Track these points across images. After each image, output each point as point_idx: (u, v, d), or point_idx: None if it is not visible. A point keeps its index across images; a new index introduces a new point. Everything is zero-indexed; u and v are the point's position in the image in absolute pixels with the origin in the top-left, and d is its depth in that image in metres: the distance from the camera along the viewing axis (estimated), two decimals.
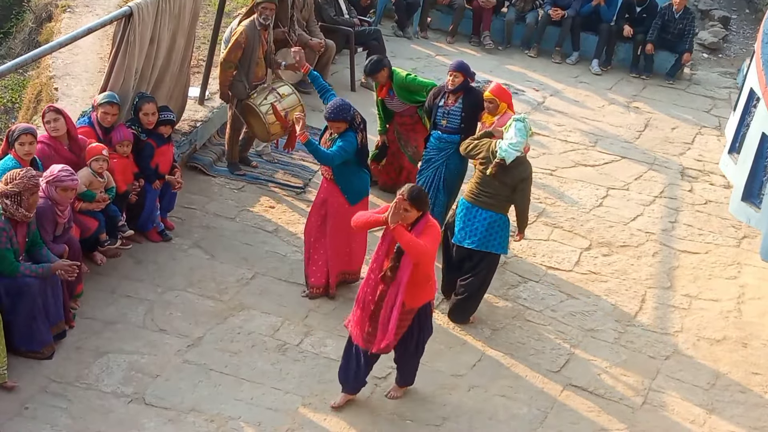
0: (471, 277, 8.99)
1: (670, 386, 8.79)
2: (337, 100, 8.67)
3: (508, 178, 8.67)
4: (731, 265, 10.83)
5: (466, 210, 8.93)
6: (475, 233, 8.85)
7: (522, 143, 8.64)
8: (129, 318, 8.46)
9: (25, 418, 7.21)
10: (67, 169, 7.93)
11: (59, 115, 8.52)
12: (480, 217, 8.84)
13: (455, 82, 9.78)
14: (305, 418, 7.75)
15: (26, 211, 7.45)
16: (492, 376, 8.59)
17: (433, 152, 10.00)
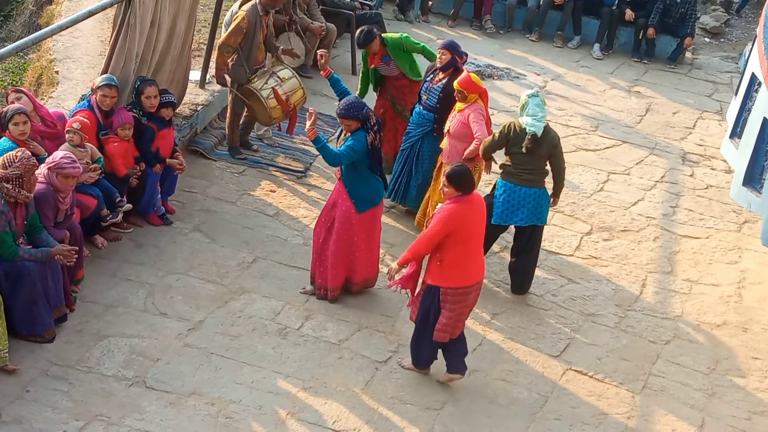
0: (524, 253, 9.44)
1: (671, 370, 8.81)
2: (350, 98, 8.51)
3: (543, 149, 9.06)
4: (732, 250, 10.84)
5: (509, 190, 9.14)
6: (523, 210, 9.14)
7: (544, 114, 9.08)
8: (130, 301, 8.47)
9: (26, 401, 7.23)
10: (70, 157, 7.92)
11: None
12: (525, 195, 9.14)
13: (443, 60, 9.83)
14: (306, 402, 7.77)
15: (27, 192, 7.46)
16: (492, 361, 8.61)
17: (412, 126, 10.16)
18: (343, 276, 8.90)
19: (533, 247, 9.44)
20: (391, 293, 9.18)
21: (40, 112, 8.74)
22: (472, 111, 9.32)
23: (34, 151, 8.21)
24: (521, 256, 9.46)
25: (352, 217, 8.62)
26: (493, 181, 9.61)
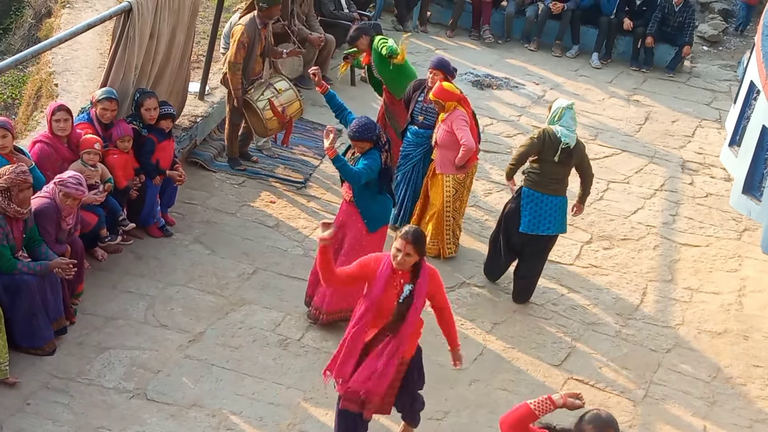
0: (535, 259, 9.43)
1: (672, 379, 8.80)
2: (362, 119, 8.27)
3: (574, 159, 9.15)
4: (732, 258, 10.84)
5: (536, 200, 9.20)
6: (549, 219, 9.23)
7: (575, 126, 9.18)
8: (130, 313, 8.46)
9: (27, 414, 7.21)
10: (77, 178, 7.87)
11: (69, 115, 8.58)
12: (552, 204, 9.23)
13: (435, 80, 9.78)
14: (307, 413, 7.76)
15: (18, 206, 7.41)
16: (493, 370, 8.60)
17: (410, 148, 10.08)
18: (344, 304, 8.55)
19: (544, 254, 9.50)
20: None
21: (73, 132, 8.70)
22: (454, 119, 9.39)
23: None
24: (531, 260, 9.45)
25: (363, 238, 8.43)
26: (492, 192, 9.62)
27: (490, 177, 11.73)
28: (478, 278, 9.82)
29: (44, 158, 8.39)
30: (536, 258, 9.44)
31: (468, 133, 9.38)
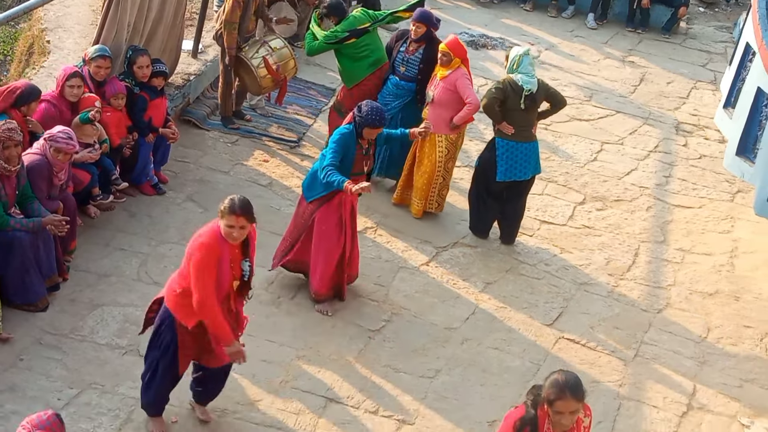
0: (516, 201, 9.64)
1: (662, 339, 8.84)
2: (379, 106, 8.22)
3: (537, 102, 9.31)
4: (725, 220, 10.86)
5: (510, 149, 9.32)
6: (524, 164, 9.38)
7: (534, 71, 9.29)
8: (123, 271, 8.46)
9: (20, 369, 7.24)
10: (68, 132, 7.85)
11: (83, 83, 8.63)
12: (525, 150, 9.37)
13: (418, 32, 9.79)
14: (299, 370, 7.79)
15: (5, 163, 7.39)
16: (485, 329, 8.63)
17: (389, 98, 10.04)
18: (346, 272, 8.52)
19: (524, 195, 9.71)
20: (384, 262, 9.21)
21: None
22: (458, 77, 9.38)
23: (33, 129, 8.26)
24: (512, 203, 9.64)
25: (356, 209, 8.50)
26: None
27: (483, 137, 11.70)
28: (471, 238, 9.83)
29: (48, 119, 8.36)
30: (517, 200, 9.66)
31: (473, 92, 9.42)
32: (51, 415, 5.31)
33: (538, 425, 5.42)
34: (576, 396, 5.30)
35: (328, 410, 7.47)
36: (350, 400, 7.60)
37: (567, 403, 5.28)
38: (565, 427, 5.41)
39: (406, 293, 8.89)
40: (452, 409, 7.66)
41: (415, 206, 9.94)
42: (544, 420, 5.41)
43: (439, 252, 9.54)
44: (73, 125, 8.41)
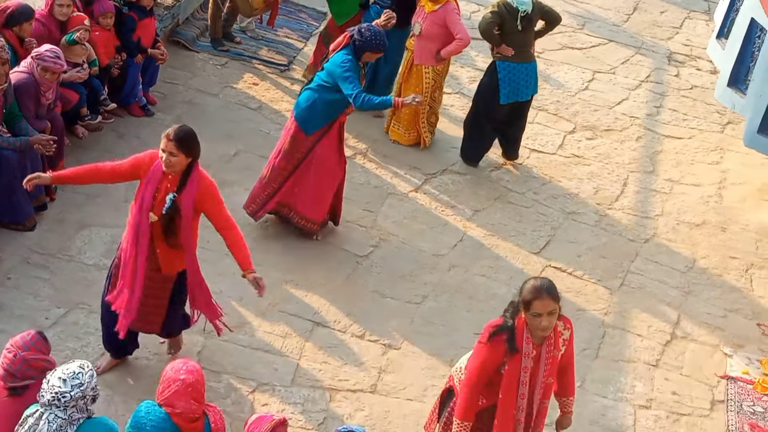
0: (519, 121, 9.73)
1: (649, 269, 8.89)
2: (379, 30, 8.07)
3: (533, 22, 9.33)
4: (714, 151, 10.87)
5: (512, 70, 9.33)
6: (526, 85, 9.43)
7: None
8: (111, 192, 8.42)
9: (7, 288, 7.25)
10: (55, 52, 7.78)
11: (72, 2, 8.53)
12: (526, 70, 9.40)
13: None
14: (286, 294, 7.82)
15: None
16: (473, 257, 8.66)
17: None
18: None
19: (526, 113, 9.80)
20: (373, 188, 9.20)
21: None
22: (447, 12, 9.32)
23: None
24: (515, 123, 9.72)
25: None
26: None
27: (475, 64, 11.63)
28: (460, 165, 9.82)
29: (36, 37, 8.26)
30: (519, 120, 9.74)
31: (463, 26, 9.35)
32: (34, 334, 5.31)
33: (516, 335, 5.49)
34: (552, 295, 5.41)
35: (314, 334, 7.52)
36: (337, 324, 7.64)
37: (544, 302, 5.38)
38: (544, 332, 5.48)
39: (394, 219, 8.90)
40: (438, 335, 7.71)
41: (403, 136, 9.88)
42: (522, 330, 5.50)
43: (428, 179, 9.53)
44: (61, 45, 8.32)
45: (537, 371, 5.57)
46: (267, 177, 8.19)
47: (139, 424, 5.21)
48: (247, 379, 7.02)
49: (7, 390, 5.23)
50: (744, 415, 7.55)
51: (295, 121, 8.04)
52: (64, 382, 5.00)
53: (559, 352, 5.65)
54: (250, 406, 6.81)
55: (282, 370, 7.15)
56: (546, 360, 5.56)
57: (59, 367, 5.10)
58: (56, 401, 4.98)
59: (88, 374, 5.08)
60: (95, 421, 5.15)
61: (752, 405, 7.65)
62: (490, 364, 5.56)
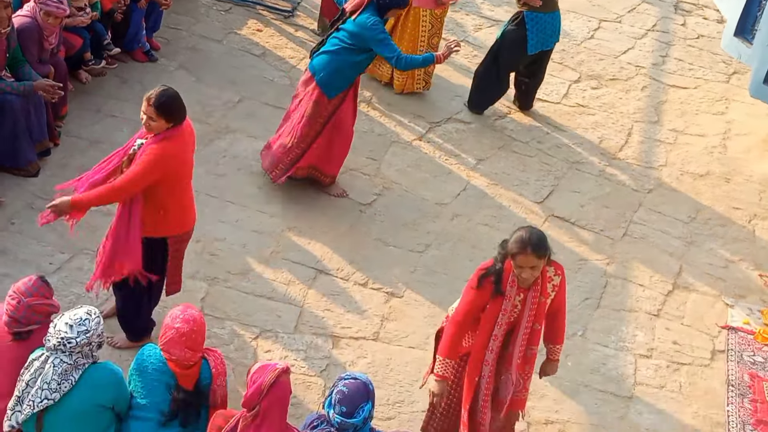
0: (539, 71, 9.80)
1: (651, 219, 8.90)
2: None
3: None
4: (719, 101, 10.82)
5: (539, 20, 9.37)
6: (551, 33, 9.50)
7: None
8: (114, 137, 8.41)
9: (11, 233, 7.27)
10: None
11: None
12: (552, 20, 9.46)
13: None
14: (290, 242, 7.84)
15: None
16: (476, 206, 8.66)
17: None
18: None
19: (547, 62, 9.84)
20: (376, 136, 9.18)
21: None
22: None
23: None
24: (537, 74, 9.80)
25: None
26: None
27: (481, 12, 11.56)
28: (464, 114, 9.79)
29: None
30: (540, 69, 9.79)
31: None
32: (36, 279, 5.33)
33: (503, 277, 5.56)
34: (536, 252, 5.43)
35: (317, 281, 7.55)
36: (340, 272, 7.67)
37: (527, 258, 5.42)
38: (526, 282, 5.54)
39: (398, 168, 8.89)
40: (441, 283, 7.74)
41: (397, 82, 9.82)
42: (509, 273, 5.55)
43: (432, 127, 9.50)
44: None
45: (522, 316, 5.64)
46: (291, 144, 8.02)
47: (141, 365, 5.30)
48: (251, 325, 7.06)
49: (12, 335, 5.26)
50: (744, 365, 7.59)
51: (317, 87, 7.85)
52: (70, 327, 5.04)
53: (548, 298, 5.70)
54: (253, 352, 6.86)
55: (285, 317, 7.19)
56: (531, 305, 5.62)
57: (67, 312, 5.13)
58: (62, 346, 5.03)
59: (94, 321, 5.12)
60: (100, 366, 5.20)
61: (752, 355, 7.69)
62: (477, 305, 5.67)
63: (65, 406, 5.09)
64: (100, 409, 5.19)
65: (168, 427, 5.24)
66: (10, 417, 5.14)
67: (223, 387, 5.39)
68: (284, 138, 8.06)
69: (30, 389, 5.06)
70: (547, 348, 6.05)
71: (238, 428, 5.02)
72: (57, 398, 5.05)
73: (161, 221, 6.20)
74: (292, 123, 8.03)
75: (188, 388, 5.23)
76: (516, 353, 5.71)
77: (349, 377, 5.15)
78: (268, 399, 4.97)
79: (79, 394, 5.09)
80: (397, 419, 6.64)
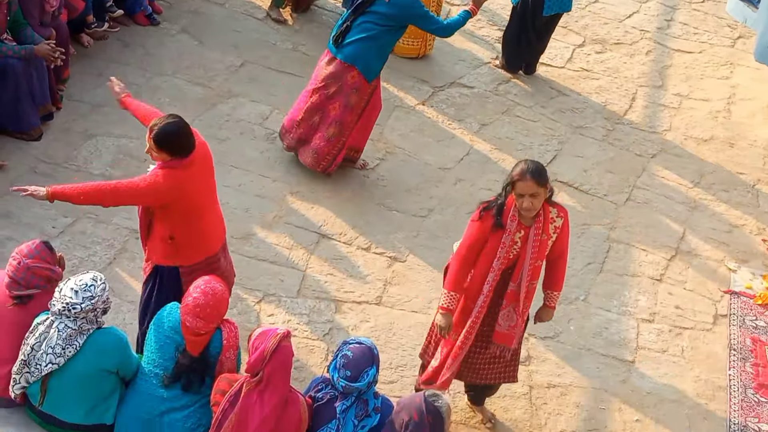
0: (548, 35, 9.79)
1: (655, 183, 8.89)
2: None
3: None
4: (724, 65, 10.77)
5: None
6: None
7: None
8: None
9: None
10: None
11: None
12: None
13: None
14: (292, 206, 7.84)
15: None
16: (479, 170, 8.65)
17: None
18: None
19: (553, 29, 9.82)
20: None
21: None
22: None
23: None
24: (544, 38, 9.76)
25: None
26: None
27: None
28: (468, 78, 9.75)
29: None
30: (548, 34, 9.78)
31: None
32: (39, 243, 5.34)
33: (504, 212, 5.68)
34: (536, 179, 5.55)
35: (320, 246, 7.56)
36: (342, 237, 7.67)
37: (527, 184, 5.54)
38: (528, 213, 5.64)
39: (401, 132, 8.87)
40: (443, 248, 7.73)
41: (414, 51, 9.76)
42: (510, 208, 5.67)
43: (435, 92, 9.47)
44: None
45: (524, 252, 5.74)
46: (335, 133, 7.90)
47: (160, 321, 5.34)
48: (254, 289, 7.07)
49: (12, 299, 5.27)
50: (746, 329, 7.61)
51: (358, 74, 7.71)
52: (75, 293, 5.05)
53: (549, 238, 5.79)
54: (256, 316, 6.88)
55: (288, 282, 7.20)
56: (533, 242, 5.72)
57: (72, 278, 5.14)
58: (66, 311, 5.04)
59: (100, 287, 5.13)
60: (105, 331, 5.22)
61: (755, 319, 7.71)
62: (479, 239, 5.77)
63: (70, 370, 5.12)
64: (105, 373, 5.22)
65: (170, 389, 5.26)
66: (18, 380, 5.17)
67: (231, 360, 5.38)
68: (326, 130, 7.90)
69: (35, 353, 5.09)
70: (544, 294, 6.10)
71: (242, 393, 5.04)
72: (61, 363, 5.07)
73: (170, 250, 5.79)
74: (331, 115, 7.86)
75: (193, 354, 5.24)
76: (523, 289, 5.82)
77: (353, 342, 5.17)
78: (271, 364, 4.99)
79: (84, 359, 5.12)
80: (400, 383, 6.67)
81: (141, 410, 5.26)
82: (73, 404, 5.22)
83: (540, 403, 6.76)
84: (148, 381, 5.30)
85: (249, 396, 5.03)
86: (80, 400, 5.22)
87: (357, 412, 5.14)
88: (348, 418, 5.13)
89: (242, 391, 5.05)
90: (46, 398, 5.21)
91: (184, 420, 5.25)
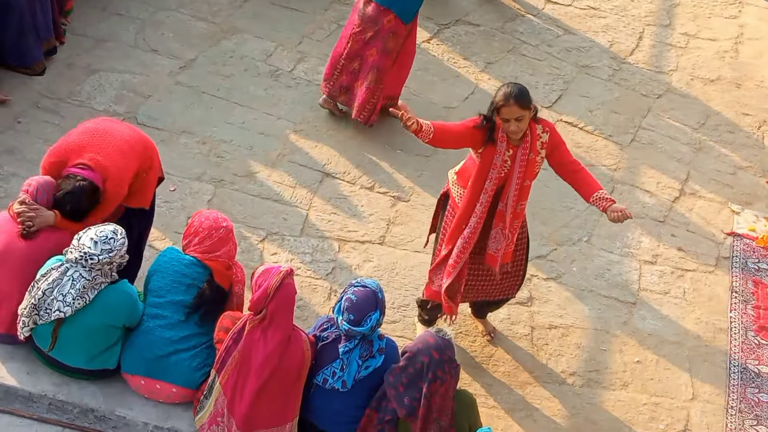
0: None
1: (660, 124, 8.85)
2: None
3: None
4: (732, 5, 10.64)
5: None
6: None
7: None
8: (120, 36, 8.35)
9: (18, 132, 7.26)
10: None
11: None
12: None
13: None
14: (296, 144, 7.82)
15: None
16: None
17: None
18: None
19: None
20: None
21: None
22: None
23: None
24: None
25: None
26: None
27: None
28: (473, 16, 9.65)
29: None
30: None
31: None
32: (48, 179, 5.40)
33: (495, 128, 5.75)
34: (519, 103, 5.64)
35: (324, 184, 7.55)
36: (346, 176, 7.67)
37: (510, 109, 5.64)
38: (515, 135, 5.73)
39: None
40: None
41: None
42: (499, 127, 5.76)
43: (440, 29, 9.38)
44: None
45: (512, 173, 5.82)
46: (374, 81, 7.77)
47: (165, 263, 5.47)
48: (257, 228, 7.09)
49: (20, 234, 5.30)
50: (748, 272, 7.63)
51: (395, 18, 7.61)
52: (95, 243, 5.07)
53: (537, 155, 5.85)
54: (260, 254, 6.90)
55: (291, 220, 7.21)
56: (521, 161, 5.79)
57: (93, 227, 5.16)
58: (83, 261, 5.07)
59: (119, 241, 5.15)
60: (116, 288, 5.25)
61: (757, 262, 7.73)
62: (469, 135, 5.81)
63: (78, 322, 5.18)
64: (112, 328, 5.28)
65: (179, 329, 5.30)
66: (27, 323, 5.21)
67: (240, 295, 5.47)
68: (365, 78, 7.79)
69: (47, 298, 5.11)
70: (596, 203, 5.84)
71: (246, 330, 5.08)
72: (68, 312, 5.11)
73: None
74: (369, 61, 7.74)
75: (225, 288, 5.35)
76: (509, 209, 5.91)
77: (359, 284, 5.19)
78: (274, 302, 5.03)
79: (93, 313, 5.18)
80: (402, 323, 6.71)
81: (148, 351, 5.32)
82: (78, 352, 5.30)
83: (541, 343, 6.81)
84: (153, 323, 5.34)
85: (252, 333, 5.07)
86: (86, 349, 5.30)
87: (361, 353, 5.19)
88: (352, 358, 5.18)
89: (246, 329, 5.09)
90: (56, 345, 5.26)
91: (191, 359, 5.31)
